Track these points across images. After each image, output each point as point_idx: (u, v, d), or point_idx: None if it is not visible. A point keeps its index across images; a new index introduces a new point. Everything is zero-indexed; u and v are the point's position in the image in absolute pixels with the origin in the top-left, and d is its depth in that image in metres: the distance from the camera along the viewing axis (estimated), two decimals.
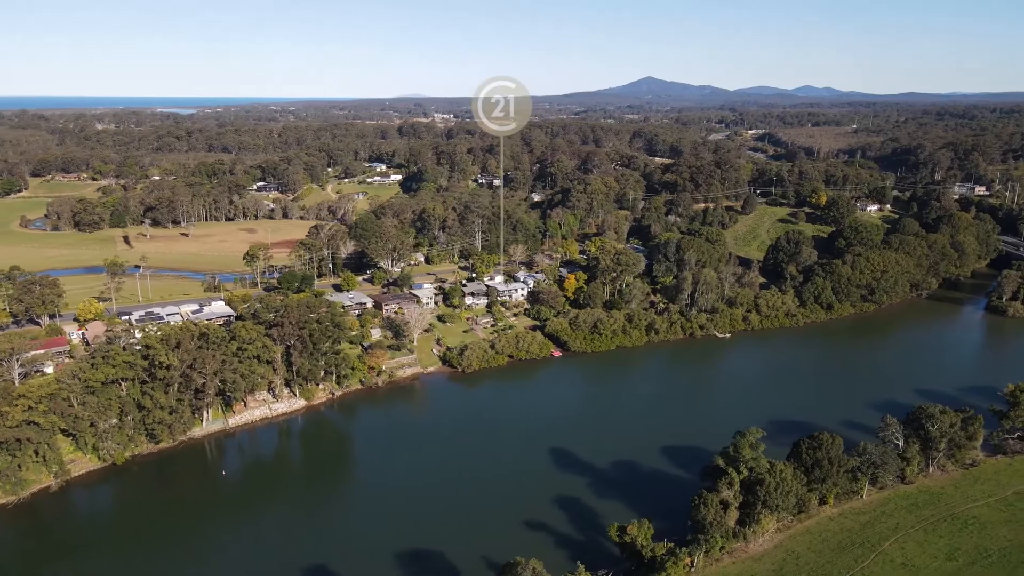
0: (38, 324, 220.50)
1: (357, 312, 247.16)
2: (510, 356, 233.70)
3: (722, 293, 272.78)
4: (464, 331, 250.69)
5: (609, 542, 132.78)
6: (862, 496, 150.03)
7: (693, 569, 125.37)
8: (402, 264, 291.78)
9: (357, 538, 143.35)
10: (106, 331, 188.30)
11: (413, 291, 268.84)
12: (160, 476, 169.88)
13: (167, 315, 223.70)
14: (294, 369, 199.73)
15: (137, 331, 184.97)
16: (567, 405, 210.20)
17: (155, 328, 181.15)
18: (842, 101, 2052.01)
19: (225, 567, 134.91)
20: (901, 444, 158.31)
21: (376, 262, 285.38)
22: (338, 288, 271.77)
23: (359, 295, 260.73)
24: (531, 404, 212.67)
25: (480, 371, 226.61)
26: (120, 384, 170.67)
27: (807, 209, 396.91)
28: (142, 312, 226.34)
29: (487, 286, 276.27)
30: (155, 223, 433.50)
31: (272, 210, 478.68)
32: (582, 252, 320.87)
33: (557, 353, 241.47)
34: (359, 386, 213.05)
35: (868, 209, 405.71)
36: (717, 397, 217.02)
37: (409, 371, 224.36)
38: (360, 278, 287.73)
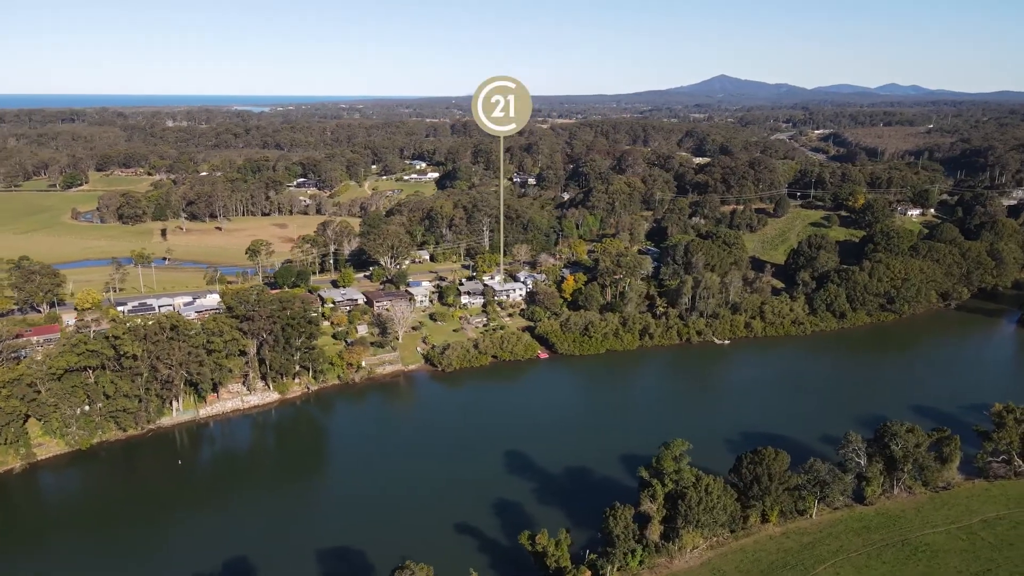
0: (39, 312, 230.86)
1: (348, 308, 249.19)
2: (494, 356, 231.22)
3: (726, 298, 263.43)
4: (454, 330, 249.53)
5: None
6: (811, 516, 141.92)
7: None
8: (402, 262, 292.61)
9: (290, 531, 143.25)
10: (76, 320, 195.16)
11: (409, 288, 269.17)
12: (124, 463, 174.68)
13: (159, 306, 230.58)
14: (267, 363, 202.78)
15: (106, 322, 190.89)
16: (540, 408, 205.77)
17: (125, 320, 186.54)
18: (926, 100, 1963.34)
19: (178, 553, 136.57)
20: (863, 463, 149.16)
21: (376, 259, 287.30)
22: (335, 284, 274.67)
23: (352, 291, 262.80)
24: (505, 406, 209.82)
25: (461, 370, 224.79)
26: (89, 372, 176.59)
27: (843, 212, 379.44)
28: (136, 303, 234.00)
29: (484, 285, 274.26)
30: (193, 217, 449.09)
31: (307, 206, 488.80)
32: (590, 252, 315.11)
33: (544, 355, 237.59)
34: (336, 381, 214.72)
35: (909, 214, 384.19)
36: (696, 405, 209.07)
37: (390, 368, 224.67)
38: (361, 275, 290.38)
